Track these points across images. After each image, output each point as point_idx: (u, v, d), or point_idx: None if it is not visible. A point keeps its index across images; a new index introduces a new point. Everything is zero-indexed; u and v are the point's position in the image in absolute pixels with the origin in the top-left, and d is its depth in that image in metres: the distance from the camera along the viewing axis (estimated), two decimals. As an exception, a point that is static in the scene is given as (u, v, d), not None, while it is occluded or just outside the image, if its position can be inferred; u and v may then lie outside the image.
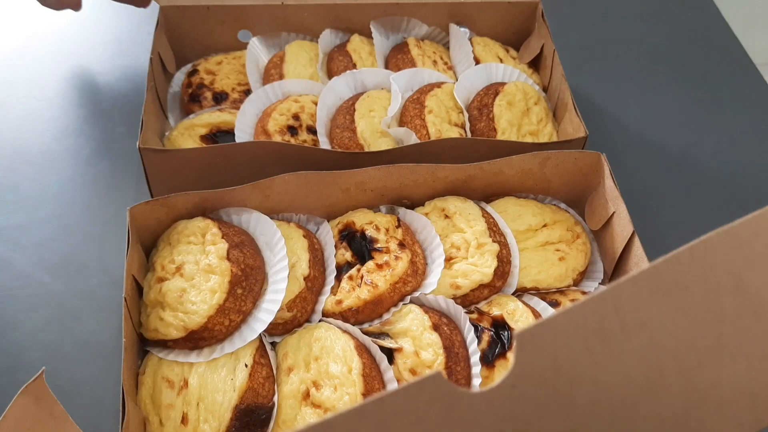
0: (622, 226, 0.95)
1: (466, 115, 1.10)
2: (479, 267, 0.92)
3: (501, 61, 1.25)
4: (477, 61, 1.21)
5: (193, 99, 1.18)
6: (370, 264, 0.92)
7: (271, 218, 0.95)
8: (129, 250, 0.85)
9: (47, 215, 1.06)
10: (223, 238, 0.87)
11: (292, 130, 1.08)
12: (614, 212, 0.97)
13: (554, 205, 1.06)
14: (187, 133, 1.10)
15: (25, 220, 1.05)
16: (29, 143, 1.16)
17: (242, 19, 1.24)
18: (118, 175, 1.11)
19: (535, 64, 1.28)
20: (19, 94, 1.23)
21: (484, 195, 1.04)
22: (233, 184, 1.00)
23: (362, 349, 0.86)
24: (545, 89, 1.24)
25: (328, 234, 0.97)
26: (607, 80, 1.36)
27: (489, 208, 1.01)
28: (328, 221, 1.00)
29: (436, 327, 0.87)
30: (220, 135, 1.11)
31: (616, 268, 0.98)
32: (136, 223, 0.89)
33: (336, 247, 0.96)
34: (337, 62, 1.20)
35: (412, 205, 1.03)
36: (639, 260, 0.92)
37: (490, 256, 0.93)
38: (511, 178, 1.02)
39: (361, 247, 0.95)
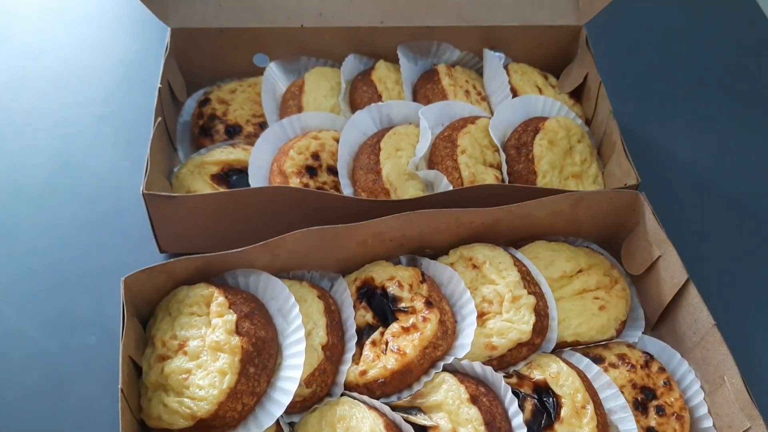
0: (672, 272, 0.86)
1: (503, 155, 1.01)
2: (516, 324, 0.83)
3: (540, 91, 1.15)
4: (514, 92, 1.12)
5: (204, 132, 1.09)
6: (394, 327, 0.83)
7: (282, 277, 0.87)
8: (125, 327, 0.75)
9: (43, 263, 0.98)
10: (230, 308, 0.78)
11: (311, 171, 0.99)
12: (660, 256, 0.88)
13: (587, 247, 0.97)
14: (197, 171, 1.02)
15: (18, 267, 0.97)
16: (26, 178, 1.08)
17: (258, 42, 1.16)
18: (121, 217, 1.03)
19: (577, 94, 1.18)
20: (17, 123, 1.16)
21: (512, 240, 0.95)
22: (245, 232, 0.92)
23: (393, 429, 0.77)
24: (588, 122, 1.15)
25: (345, 292, 0.88)
26: (655, 110, 1.26)
27: (519, 254, 0.92)
28: (344, 276, 0.91)
29: (474, 399, 0.78)
30: (233, 174, 1.03)
31: (663, 317, 0.89)
32: (131, 294, 0.80)
33: (355, 307, 0.87)
34: (360, 92, 1.11)
35: (435, 255, 0.94)
36: (695, 310, 0.84)
37: (527, 311, 0.84)
38: (540, 221, 0.93)
39: (382, 307, 0.86)
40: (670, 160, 1.18)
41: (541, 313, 0.85)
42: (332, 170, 1.01)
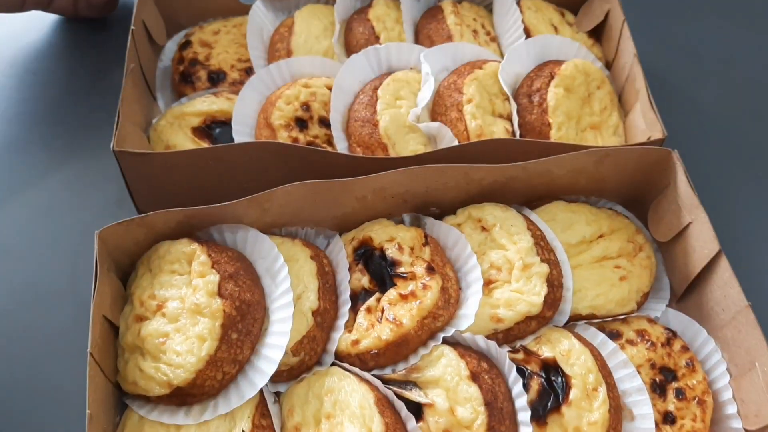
0: (702, 241, 0.78)
1: (514, 104, 0.92)
2: (525, 295, 0.76)
3: (556, 30, 1.05)
4: (526, 32, 1.01)
5: (184, 79, 1.00)
6: (392, 293, 0.77)
7: (273, 233, 0.81)
8: (97, 283, 0.70)
9: (10, 224, 0.91)
10: (213, 267, 0.73)
11: (301, 123, 0.91)
12: (690, 223, 0.80)
13: (610, 209, 0.89)
14: (177, 124, 0.94)
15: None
16: (-7, 130, 1.00)
17: (243, -23, 1.05)
18: (96, 173, 0.96)
19: (596, 33, 1.08)
20: (-18, 69, 1.07)
21: (527, 198, 0.87)
22: (228, 189, 0.85)
23: (384, 405, 0.72)
24: (608, 65, 1.04)
25: (340, 253, 0.82)
26: (683, 52, 1.14)
27: (534, 215, 0.85)
28: (341, 235, 0.85)
29: (474, 376, 0.72)
30: (216, 126, 0.95)
31: (690, 289, 0.82)
32: (108, 248, 0.74)
33: (350, 269, 0.81)
34: (356, 34, 1.01)
35: (441, 214, 0.87)
36: (726, 285, 0.76)
37: (539, 280, 0.77)
38: (559, 179, 0.85)
39: (380, 270, 0.80)
40: (699, 111, 1.07)
41: (554, 284, 0.78)
42: (325, 122, 0.92)
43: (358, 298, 0.79)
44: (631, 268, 0.83)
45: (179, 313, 0.71)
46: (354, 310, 0.79)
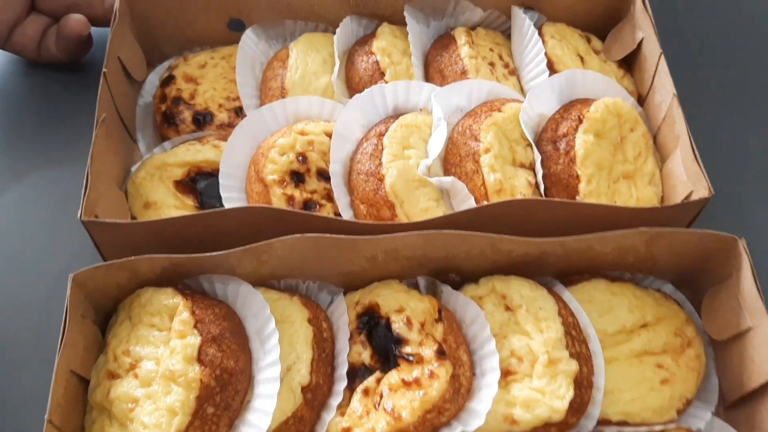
0: (764, 355, 0.68)
1: (538, 156, 0.81)
2: (547, 396, 0.68)
3: (582, 60, 0.94)
4: (550, 64, 0.91)
5: (167, 120, 0.90)
6: (394, 376, 0.70)
7: (270, 285, 0.76)
8: (65, 336, 0.65)
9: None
10: (196, 326, 0.67)
11: (297, 177, 0.81)
12: (751, 328, 0.70)
13: (658, 290, 0.79)
14: (158, 175, 0.84)
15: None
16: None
17: (232, 4, 0.94)
18: (67, 223, 0.86)
19: (627, 61, 0.97)
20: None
21: (562, 271, 0.78)
22: (217, 249, 0.75)
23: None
24: (640, 99, 0.94)
25: (342, 317, 0.75)
26: (727, 95, 1.02)
27: (568, 294, 0.75)
28: (345, 294, 0.78)
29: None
30: (201, 178, 0.85)
31: (744, 399, 0.72)
32: (86, 291, 0.69)
33: (351, 338, 0.74)
34: (359, 69, 0.91)
35: (461, 281, 0.77)
36: None
37: (565, 381, 0.68)
38: (602, 256, 0.76)
39: (384, 344, 0.72)
40: (745, 166, 0.96)
41: (583, 384, 0.68)
42: (324, 175, 0.82)
43: (356, 374, 0.72)
44: (676, 370, 0.73)
45: (153, 377, 0.66)
46: (350, 388, 0.71)
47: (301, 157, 0.81)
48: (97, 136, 0.77)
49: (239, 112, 0.90)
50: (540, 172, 0.81)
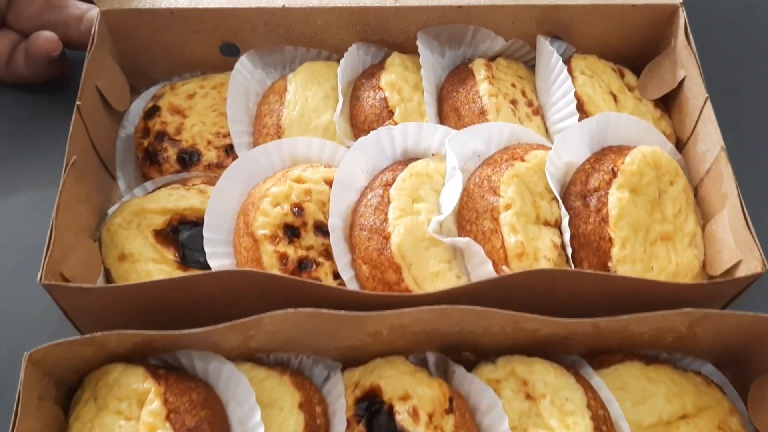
0: None
1: (565, 215, 0.72)
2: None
3: (615, 99, 0.85)
4: (580, 104, 0.81)
5: (149, 158, 0.81)
6: None
7: (258, 359, 0.67)
8: (17, 421, 0.57)
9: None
10: (168, 418, 0.59)
11: (292, 232, 0.72)
12: None
13: (698, 372, 0.70)
14: (136, 223, 0.75)
15: None
16: None
17: (225, 27, 0.85)
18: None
19: (665, 100, 0.87)
20: None
21: (593, 350, 0.69)
22: (199, 316, 0.67)
23: None
24: (679, 144, 0.85)
25: (338, 401, 0.66)
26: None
27: (598, 379, 0.66)
28: (344, 370, 0.69)
29: None
30: (184, 228, 0.76)
31: None
32: (45, 367, 0.61)
33: (349, 426, 0.65)
34: (365, 106, 0.81)
35: (476, 359, 0.69)
36: None
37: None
38: (639, 336, 0.67)
39: None
40: None
41: (615, 493, 0.59)
42: (322, 229, 0.73)
43: (351, 467, 0.63)
44: (720, 472, 0.64)
45: None
46: None
47: (296, 209, 0.72)
48: (65, 183, 0.69)
49: (230, 151, 0.81)
50: (567, 233, 0.72)
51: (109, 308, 0.67)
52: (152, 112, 0.84)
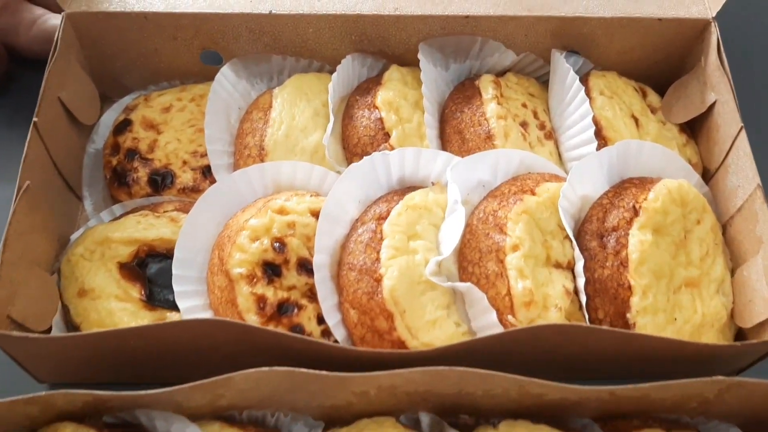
0: None
1: (579, 258, 0.64)
2: None
3: (637, 123, 0.77)
4: (598, 129, 0.73)
5: (118, 179, 0.74)
6: None
7: (230, 417, 0.60)
8: None
9: None
10: None
11: (272, 270, 0.64)
12: None
13: None
14: (99, 254, 0.68)
15: None
16: None
17: (205, 33, 0.77)
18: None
19: (690, 125, 0.80)
20: None
21: (607, 414, 0.61)
22: (163, 363, 0.60)
23: None
24: (705, 175, 0.77)
25: None
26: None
27: None
28: (326, 430, 0.62)
29: None
30: (152, 261, 0.68)
31: None
32: None
33: None
34: (358, 126, 0.74)
35: (474, 424, 0.61)
36: None
37: None
38: (660, 402, 0.59)
39: None
40: None
41: None
42: (307, 266, 0.65)
43: None
44: None
45: None
46: None
47: (278, 244, 0.65)
48: (15, 213, 0.61)
49: (207, 173, 0.73)
50: (581, 278, 0.64)
51: (63, 356, 0.60)
52: (123, 126, 0.76)
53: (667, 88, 0.81)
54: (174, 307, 0.65)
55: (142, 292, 0.66)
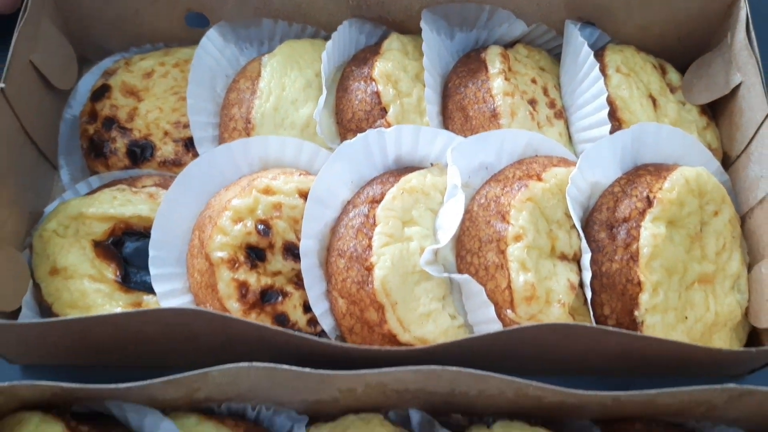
0: None
1: (586, 250, 0.61)
2: None
3: (654, 103, 0.73)
4: (612, 110, 0.70)
5: (94, 149, 0.70)
6: None
7: (209, 410, 0.58)
8: None
9: None
10: None
11: (256, 255, 0.61)
12: None
13: None
14: (73, 230, 0.65)
15: None
16: None
17: (191, -7, 0.73)
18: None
19: (712, 107, 0.76)
20: None
21: (606, 416, 0.59)
22: (143, 352, 0.58)
23: None
24: (726, 161, 0.73)
25: None
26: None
27: None
28: (310, 424, 0.60)
29: None
30: (129, 239, 0.65)
31: None
32: None
33: None
34: (353, 100, 0.70)
35: (469, 423, 0.59)
36: None
37: None
38: (665, 407, 0.57)
39: None
40: None
41: None
42: (293, 251, 0.62)
43: None
44: None
45: None
46: None
47: (262, 226, 0.61)
48: (-19, 186, 0.58)
49: (190, 146, 0.70)
50: (588, 272, 0.61)
51: (33, 341, 0.57)
52: (101, 92, 0.73)
53: (688, 66, 0.77)
54: (151, 290, 0.63)
55: (118, 273, 0.64)
